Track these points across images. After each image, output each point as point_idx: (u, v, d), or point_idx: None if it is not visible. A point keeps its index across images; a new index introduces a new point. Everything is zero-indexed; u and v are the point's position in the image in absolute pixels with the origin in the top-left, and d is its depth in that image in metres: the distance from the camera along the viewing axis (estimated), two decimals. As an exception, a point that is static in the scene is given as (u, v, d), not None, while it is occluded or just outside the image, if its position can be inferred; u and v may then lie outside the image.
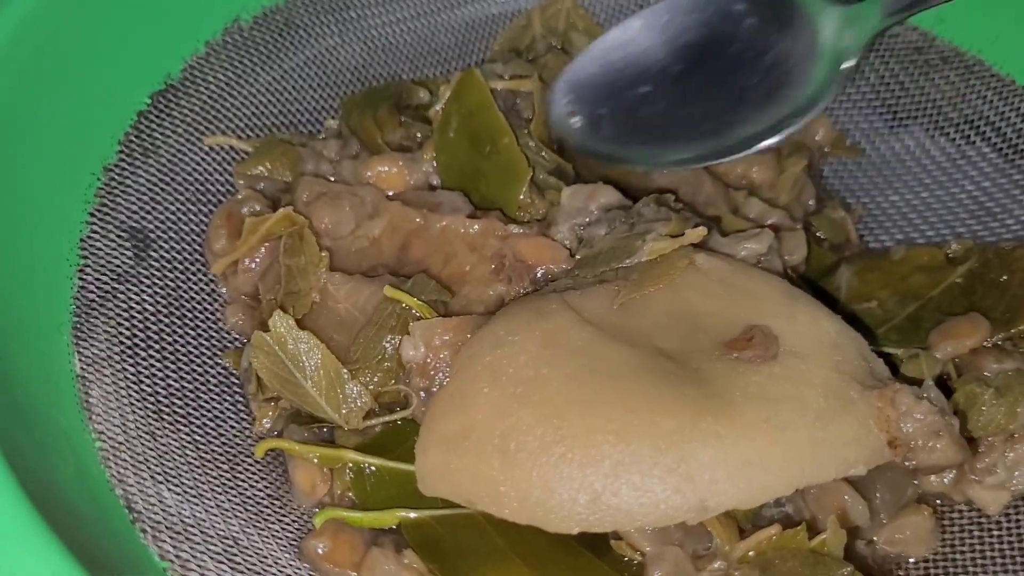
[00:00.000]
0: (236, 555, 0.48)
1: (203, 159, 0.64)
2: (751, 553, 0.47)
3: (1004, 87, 0.66)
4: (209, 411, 0.55)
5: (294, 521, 0.52)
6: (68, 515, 0.39)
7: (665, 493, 0.45)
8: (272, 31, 0.69)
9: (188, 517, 0.48)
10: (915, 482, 0.54)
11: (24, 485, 0.37)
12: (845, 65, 0.60)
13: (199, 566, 0.46)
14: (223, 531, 0.48)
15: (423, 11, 0.74)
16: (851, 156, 0.72)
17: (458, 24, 0.75)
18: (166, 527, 0.47)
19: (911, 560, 0.54)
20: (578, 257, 0.58)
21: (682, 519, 0.45)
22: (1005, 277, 0.59)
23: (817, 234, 0.68)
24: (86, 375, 0.50)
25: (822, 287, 0.63)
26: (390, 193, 0.62)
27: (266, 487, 0.53)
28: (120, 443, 0.49)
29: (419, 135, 0.67)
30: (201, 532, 0.47)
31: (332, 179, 0.64)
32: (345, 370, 0.52)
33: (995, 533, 0.53)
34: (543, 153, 0.64)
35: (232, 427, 0.55)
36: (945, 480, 0.54)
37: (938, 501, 0.55)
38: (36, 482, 0.39)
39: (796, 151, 0.70)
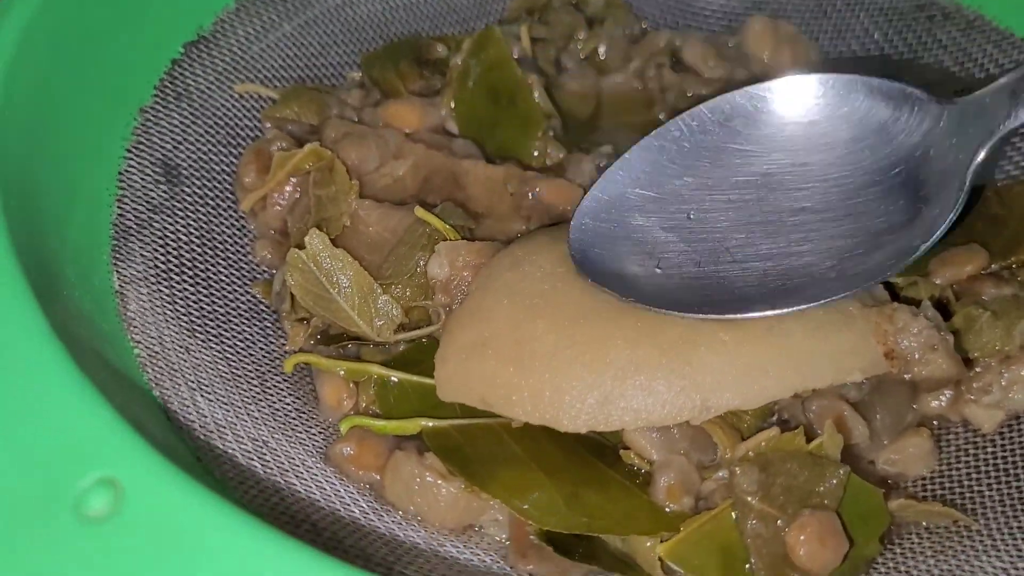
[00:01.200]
0: (266, 455, 0.50)
1: (233, 105, 0.67)
2: (751, 453, 0.49)
3: (1003, 39, 0.68)
4: (239, 333, 0.58)
5: (320, 432, 0.54)
6: (118, 395, 0.42)
7: (670, 394, 0.48)
8: (299, -13, 0.72)
9: (220, 420, 0.51)
10: (915, 407, 0.57)
11: (81, 365, 0.40)
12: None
13: (230, 461, 0.49)
14: (254, 435, 0.51)
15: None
16: None
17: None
18: (199, 426, 0.49)
19: (909, 479, 0.56)
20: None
21: (685, 418, 0.48)
22: (1003, 212, 0.61)
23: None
24: (124, 291, 0.53)
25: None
26: (407, 131, 0.64)
27: (294, 402, 0.56)
28: (156, 352, 0.52)
29: (439, 86, 0.70)
30: (233, 433, 0.50)
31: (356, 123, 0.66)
32: (377, 285, 0.55)
33: (989, 450, 0.55)
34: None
35: (261, 349, 0.58)
36: (943, 400, 0.56)
37: (935, 423, 0.57)
38: (91, 368, 0.41)
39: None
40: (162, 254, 0.58)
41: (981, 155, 0.50)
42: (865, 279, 0.50)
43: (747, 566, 0.48)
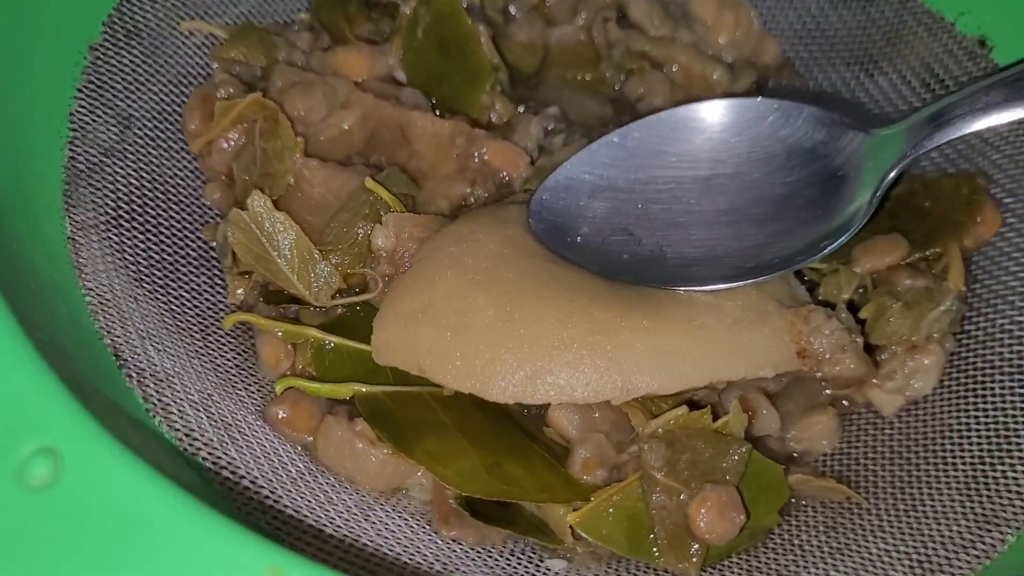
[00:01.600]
0: (211, 407, 0.53)
1: (183, 44, 0.67)
2: (659, 430, 0.52)
3: (933, 22, 0.70)
4: (186, 283, 0.59)
5: (260, 390, 0.57)
6: (63, 356, 0.44)
7: (595, 374, 0.51)
8: (248, -75, 0.72)
9: (169, 370, 0.53)
10: (827, 392, 0.60)
11: (25, 328, 0.42)
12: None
13: (179, 411, 0.51)
14: (199, 387, 0.53)
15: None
16: (791, 79, 0.77)
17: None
18: (150, 375, 0.52)
19: (812, 455, 0.60)
20: (537, 165, 0.63)
21: (607, 398, 0.51)
22: (928, 204, 0.64)
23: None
24: (76, 238, 0.55)
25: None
26: (356, 79, 0.66)
27: (235, 357, 0.58)
28: (108, 300, 0.53)
29: (388, 31, 0.70)
30: (181, 384, 0.52)
31: (304, 69, 0.67)
32: (317, 250, 0.57)
33: (887, 432, 0.59)
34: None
35: (207, 300, 0.60)
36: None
37: (845, 402, 0.61)
38: (36, 327, 0.43)
39: (746, 67, 0.75)
40: (112, 199, 0.59)
41: (890, 178, 0.57)
42: (776, 269, 0.56)
43: (651, 535, 0.51)
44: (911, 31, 0.71)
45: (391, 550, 0.50)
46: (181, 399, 0.52)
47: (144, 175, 0.61)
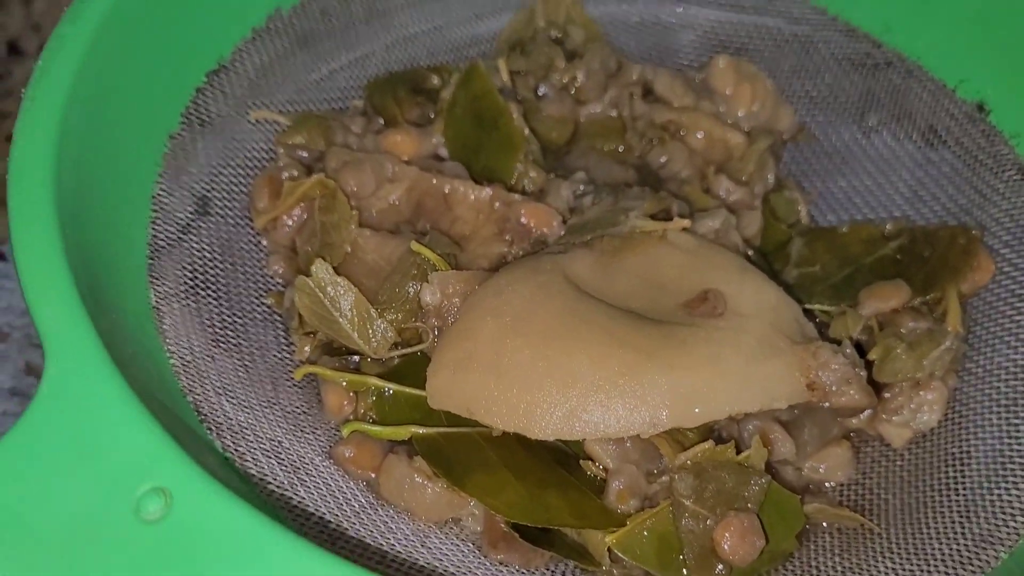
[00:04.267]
0: (281, 453, 0.59)
1: (251, 131, 0.74)
2: (688, 462, 0.58)
3: (937, 88, 0.76)
4: (256, 342, 0.65)
5: (325, 433, 0.62)
6: (164, 410, 0.50)
7: (625, 411, 0.56)
8: (308, 20, 0.79)
9: (243, 422, 0.59)
10: (840, 421, 0.66)
11: (132, 387, 0.49)
12: None
13: (252, 459, 0.57)
14: (270, 435, 0.59)
15: (442, 9, 0.85)
16: (807, 141, 0.83)
17: (469, 17, 0.86)
18: (227, 428, 0.58)
19: (829, 484, 0.65)
20: (569, 223, 0.70)
21: (636, 432, 0.57)
22: (928, 252, 0.70)
23: (774, 211, 0.79)
24: (160, 307, 0.61)
25: (770, 261, 0.74)
26: (405, 158, 0.72)
27: (302, 405, 0.63)
28: (188, 361, 0.59)
29: (432, 114, 0.78)
30: (254, 434, 0.58)
31: (357, 150, 0.74)
32: (374, 309, 0.63)
33: (898, 463, 0.64)
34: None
35: (274, 356, 0.66)
36: (861, 417, 0.65)
37: (853, 434, 0.66)
38: (139, 386, 0.50)
39: (763, 133, 0.81)
40: (190, 271, 0.65)
41: None
42: None
43: (680, 556, 0.57)
44: (916, 96, 0.77)
45: (445, 570, 0.56)
46: (255, 448, 0.58)
47: (216, 249, 0.68)
